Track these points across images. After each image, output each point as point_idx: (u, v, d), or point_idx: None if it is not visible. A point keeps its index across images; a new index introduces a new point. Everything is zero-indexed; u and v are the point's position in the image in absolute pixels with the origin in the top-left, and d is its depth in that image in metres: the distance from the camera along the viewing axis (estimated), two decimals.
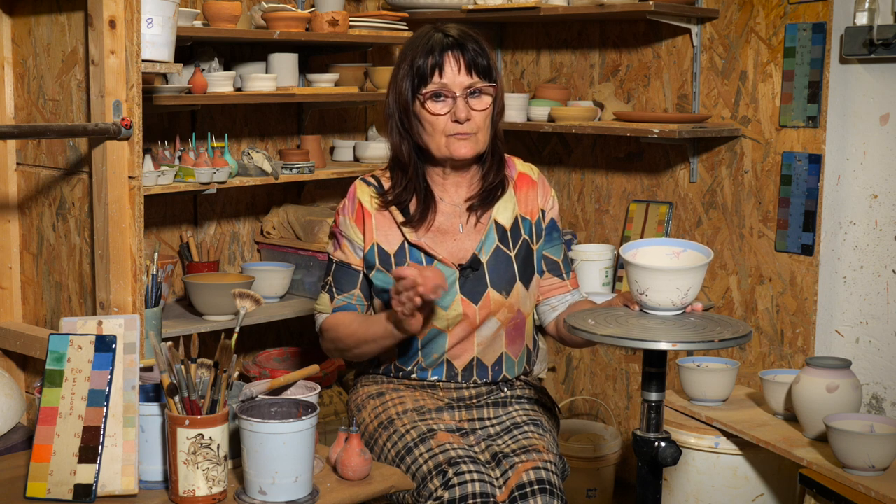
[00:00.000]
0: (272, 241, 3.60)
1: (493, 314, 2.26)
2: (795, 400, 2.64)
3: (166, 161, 3.17)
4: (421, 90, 2.20)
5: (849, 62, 3.15)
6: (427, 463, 2.10)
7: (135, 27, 2.23)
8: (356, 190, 2.31)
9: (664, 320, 2.01)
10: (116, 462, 1.91)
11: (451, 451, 2.10)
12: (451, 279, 2.24)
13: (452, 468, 2.06)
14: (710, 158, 3.47)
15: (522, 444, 2.17)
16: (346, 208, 2.31)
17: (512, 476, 2.08)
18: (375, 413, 2.27)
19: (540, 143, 3.94)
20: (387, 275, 2.25)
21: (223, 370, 1.90)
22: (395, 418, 2.22)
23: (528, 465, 2.10)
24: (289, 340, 3.78)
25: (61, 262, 2.48)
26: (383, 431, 2.22)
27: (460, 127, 2.20)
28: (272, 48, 3.51)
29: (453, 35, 2.22)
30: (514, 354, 2.32)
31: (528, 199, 2.35)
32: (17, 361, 2.61)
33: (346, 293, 2.29)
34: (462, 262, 2.26)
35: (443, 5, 3.71)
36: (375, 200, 2.29)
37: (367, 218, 2.28)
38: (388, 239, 2.27)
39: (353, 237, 2.29)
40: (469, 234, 2.29)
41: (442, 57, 2.19)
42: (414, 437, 2.16)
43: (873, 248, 3.17)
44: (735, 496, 2.81)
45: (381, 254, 2.27)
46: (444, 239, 2.28)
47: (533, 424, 2.24)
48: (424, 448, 2.13)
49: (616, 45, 3.69)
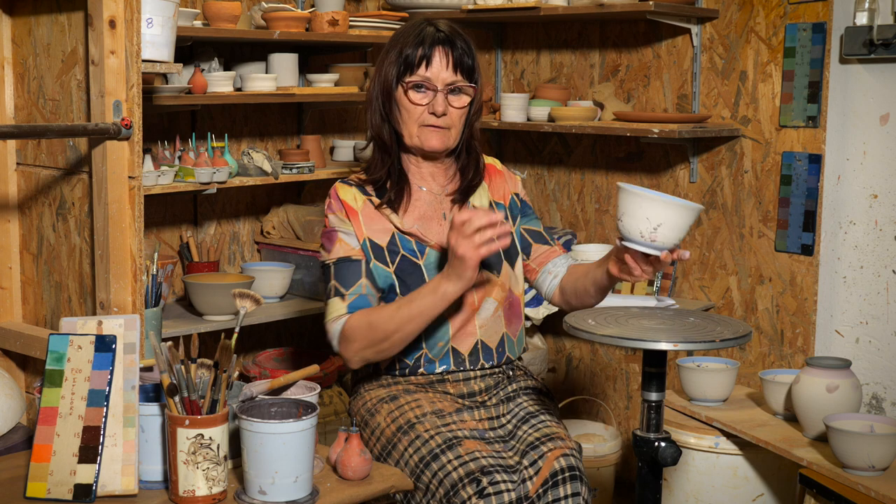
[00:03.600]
0: (272, 241, 3.60)
1: (489, 294, 2.31)
2: (795, 400, 2.64)
3: (166, 161, 3.17)
4: (405, 78, 2.28)
5: (849, 62, 3.15)
6: (457, 470, 2.08)
7: (135, 27, 2.23)
8: (338, 191, 2.34)
9: (664, 320, 2.01)
10: (116, 462, 1.91)
11: (481, 459, 2.10)
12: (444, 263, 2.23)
13: (486, 477, 2.06)
14: (710, 158, 3.47)
15: (545, 432, 2.21)
16: (333, 206, 2.33)
17: (543, 466, 2.11)
18: (392, 417, 2.25)
19: (540, 143, 3.94)
20: (384, 269, 2.27)
21: (223, 370, 1.90)
22: (416, 422, 2.21)
23: (557, 452, 2.14)
24: (289, 340, 3.78)
25: (61, 262, 2.48)
26: (403, 436, 2.20)
27: (435, 119, 2.27)
28: (272, 48, 3.51)
29: (444, 31, 2.29)
30: (514, 334, 2.38)
31: (498, 186, 2.44)
32: (17, 361, 2.61)
33: (355, 285, 2.25)
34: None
35: (443, 5, 3.71)
36: (359, 199, 2.32)
37: (352, 216, 2.31)
38: (379, 233, 2.30)
39: (346, 229, 2.30)
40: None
41: (431, 50, 2.26)
42: (440, 443, 2.14)
43: (873, 248, 3.17)
44: (735, 496, 2.81)
45: (375, 248, 2.28)
46: (430, 226, 2.33)
47: (546, 413, 2.30)
48: (453, 455, 2.11)
49: (616, 45, 3.69)
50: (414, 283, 2.25)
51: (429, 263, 2.28)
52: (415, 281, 2.25)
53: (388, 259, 2.27)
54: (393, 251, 2.28)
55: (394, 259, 2.27)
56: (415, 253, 2.28)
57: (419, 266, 2.27)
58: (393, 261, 2.27)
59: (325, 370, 3.33)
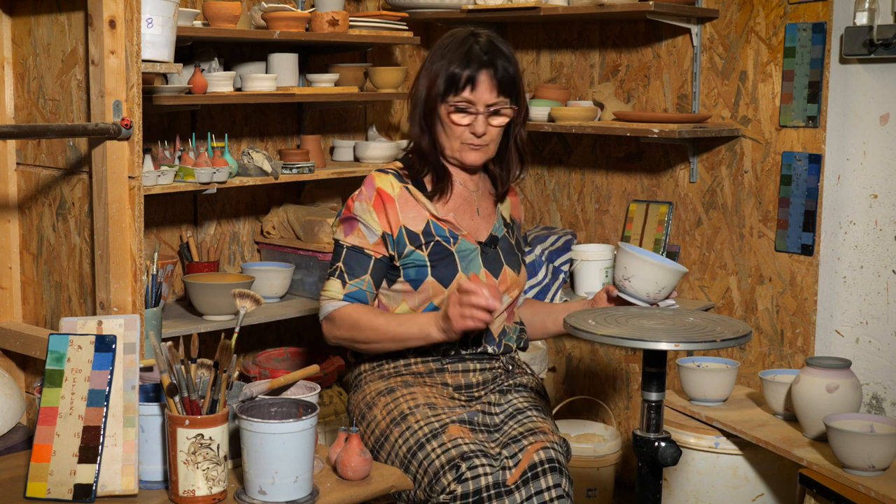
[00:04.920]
0: (272, 241, 3.60)
1: (507, 291, 2.40)
2: (795, 400, 2.64)
3: (166, 161, 3.17)
4: (449, 97, 2.33)
5: (849, 62, 3.15)
6: (440, 458, 2.14)
7: (135, 27, 2.23)
8: (375, 179, 2.39)
9: (664, 320, 2.02)
10: (116, 462, 1.91)
11: (463, 445, 2.15)
12: (474, 253, 2.38)
13: (465, 462, 2.11)
14: (710, 158, 3.47)
15: (529, 426, 2.26)
16: (364, 195, 2.37)
17: (523, 457, 2.16)
18: (388, 409, 2.30)
19: (540, 143, 3.94)
20: (419, 252, 2.34)
21: (223, 370, 1.90)
22: (409, 413, 2.26)
23: (538, 445, 2.19)
24: (289, 340, 3.78)
25: (61, 262, 2.48)
26: (395, 427, 2.25)
27: (475, 139, 2.35)
28: (272, 48, 3.51)
29: (489, 51, 2.33)
30: (510, 327, 2.47)
31: (514, 205, 2.58)
32: (17, 361, 2.61)
33: (358, 278, 2.33)
34: (481, 239, 2.40)
35: (443, 5, 3.71)
36: (397, 185, 2.38)
37: (388, 204, 2.35)
38: (414, 220, 2.36)
39: (369, 222, 2.35)
40: (484, 217, 2.46)
41: (478, 73, 2.31)
42: (426, 433, 2.20)
43: (873, 248, 3.17)
44: (735, 496, 2.81)
45: (410, 234, 2.35)
46: (463, 217, 2.42)
47: (535, 409, 2.35)
48: (437, 443, 2.17)
49: (616, 45, 3.69)
50: (445, 268, 2.33)
51: (461, 251, 2.36)
52: (447, 266, 2.34)
53: (424, 243, 2.35)
54: (428, 236, 2.35)
55: (428, 243, 2.35)
56: (448, 240, 2.36)
57: (452, 252, 2.35)
58: (428, 244, 2.35)
59: (325, 370, 3.33)
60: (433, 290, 2.33)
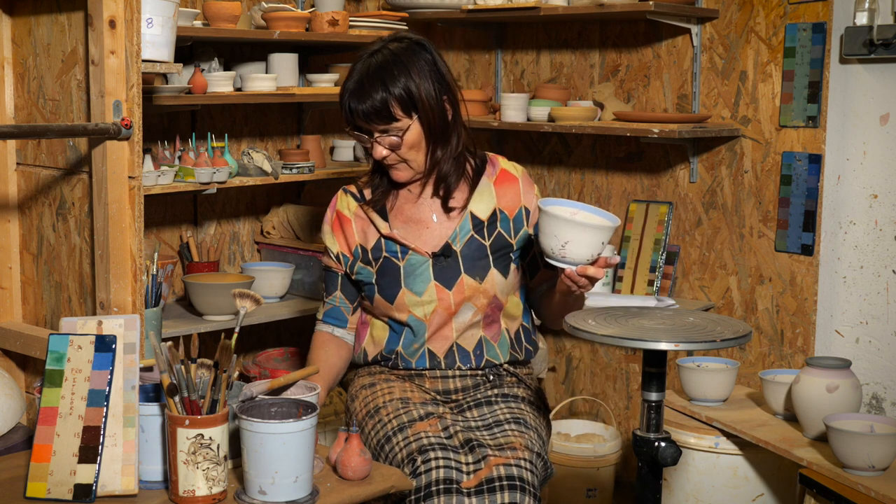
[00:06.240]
0: (272, 241, 3.60)
1: (468, 300, 2.34)
2: (795, 400, 2.64)
3: (166, 161, 3.17)
4: (349, 126, 2.32)
5: (849, 62, 3.15)
6: (402, 451, 2.16)
7: (135, 27, 2.23)
8: (336, 201, 2.46)
9: (664, 320, 2.02)
10: (116, 462, 1.91)
11: (423, 439, 2.16)
12: (423, 266, 2.33)
13: (421, 456, 2.11)
14: (710, 158, 3.47)
15: (500, 441, 2.19)
16: (327, 217, 2.45)
17: (484, 467, 2.11)
18: (365, 402, 2.35)
19: (540, 143, 3.94)
20: (368, 269, 2.37)
21: (223, 370, 1.90)
22: (381, 406, 2.30)
23: (500, 460, 2.12)
24: (289, 340, 3.78)
25: (61, 262, 2.48)
26: (369, 420, 2.30)
27: (385, 161, 2.31)
28: (272, 48, 3.51)
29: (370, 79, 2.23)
30: (493, 339, 2.38)
31: (508, 194, 2.40)
32: (17, 361, 2.61)
33: (331, 295, 2.45)
34: (435, 250, 2.35)
35: (443, 5, 3.71)
36: (353, 206, 2.41)
37: (345, 225, 2.40)
38: (367, 238, 2.39)
39: (329, 244, 2.43)
40: (442, 223, 2.38)
41: (357, 105, 2.26)
42: (394, 426, 2.22)
43: (873, 248, 3.17)
44: (735, 496, 2.81)
45: (363, 252, 2.39)
46: (417, 229, 2.38)
47: (515, 422, 2.26)
48: (402, 437, 2.19)
49: (616, 45, 3.69)
50: (388, 282, 2.34)
51: (408, 266, 2.34)
52: (389, 281, 2.34)
53: (373, 259, 2.37)
54: (377, 252, 2.37)
55: (377, 259, 2.36)
56: (396, 255, 2.35)
57: (398, 267, 2.34)
58: (377, 260, 2.36)
59: None
60: (383, 307, 2.36)
